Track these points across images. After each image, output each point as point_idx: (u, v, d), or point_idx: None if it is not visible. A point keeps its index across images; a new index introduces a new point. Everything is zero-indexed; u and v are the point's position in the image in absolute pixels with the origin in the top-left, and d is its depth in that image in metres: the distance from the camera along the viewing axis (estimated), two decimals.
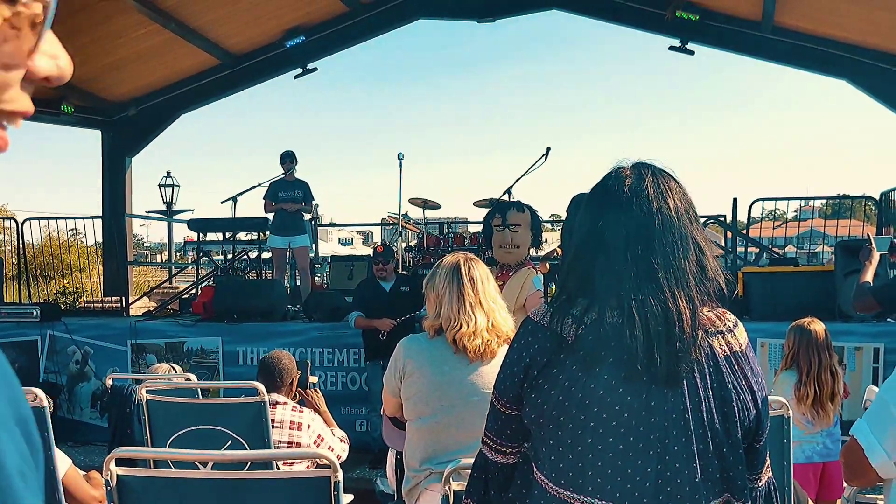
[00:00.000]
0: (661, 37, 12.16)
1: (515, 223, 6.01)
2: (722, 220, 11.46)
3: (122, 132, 13.49)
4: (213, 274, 11.61)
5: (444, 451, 3.29)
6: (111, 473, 2.35)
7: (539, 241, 6.30)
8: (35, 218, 12.76)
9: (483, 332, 3.30)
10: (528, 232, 6.00)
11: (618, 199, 1.88)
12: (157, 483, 2.45)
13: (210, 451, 2.87)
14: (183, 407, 4.56)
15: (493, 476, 2.04)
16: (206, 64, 12.85)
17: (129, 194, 13.77)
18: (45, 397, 3.87)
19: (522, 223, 6.01)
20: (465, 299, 3.35)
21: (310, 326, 8.90)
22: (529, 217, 6.08)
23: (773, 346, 7.41)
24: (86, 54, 11.30)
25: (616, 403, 1.75)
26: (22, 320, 9.41)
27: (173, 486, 2.42)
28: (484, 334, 3.30)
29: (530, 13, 12.94)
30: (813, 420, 4.87)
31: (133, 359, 9.03)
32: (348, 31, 12.87)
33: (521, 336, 1.92)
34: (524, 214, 6.06)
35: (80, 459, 4.40)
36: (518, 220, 6.02)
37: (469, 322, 3.31)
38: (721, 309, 1.87)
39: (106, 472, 2.35)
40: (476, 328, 3.30)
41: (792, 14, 10.92)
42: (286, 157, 10.15)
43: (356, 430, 8.27)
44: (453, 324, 3.34)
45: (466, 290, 3.36)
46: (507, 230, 5.97)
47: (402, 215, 10.79)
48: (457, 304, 3.36)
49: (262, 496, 2.40)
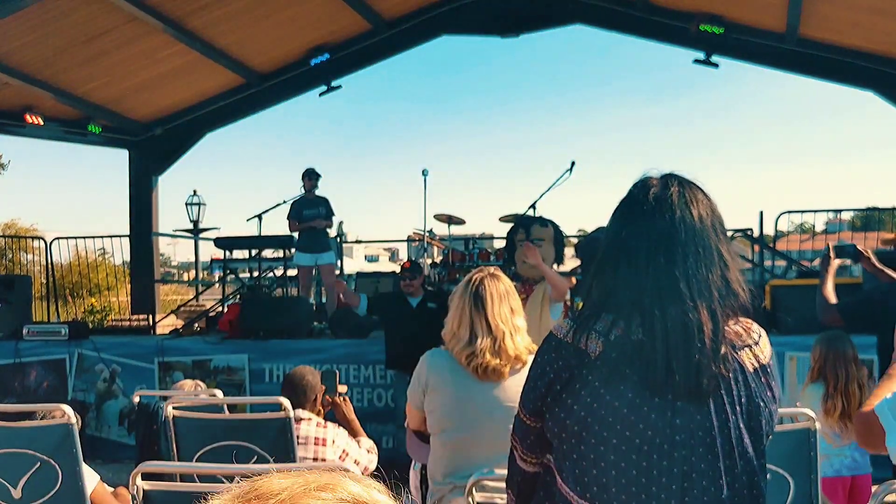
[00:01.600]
0: (686, 50, 12.14)
1: (539, 237, 6.03)
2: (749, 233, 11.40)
3: (149, 152, 13.60)
4: (239, 291, 11.66)
5: (467, 465, 3.28)
6: (138, 487, 2.37)
7: (562, 256, 6.30)
8: (63, 237, 12.87)
9: (486, 354, 3.27)
10: (551, 247, 6.01)
11: (641, 208, 1.87)
12: (182, 497, 2.46)
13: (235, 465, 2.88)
14: (209, 423, 4.57)
15: (519, 480, 2.05)
16: (232, 83, 12.95)
17: (155, 213, 13.87)
18: (73, 414, 3.91)
19: (546, 238, 6.03)
20: (468, 317, 3.34)
21: (335, 343, 8.92)
22: (552, 232, 6.10)
23: (801, 359, 7.33)
24: (112, 75, 11.45)
25: (640, 422, 1.74)
26: (51, 339, 9.49)
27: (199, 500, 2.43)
28: (486, 355, 3.27)
29: (554, 28, 12.96)
30: (841, 433, 4.81)
31: (160, 376, 9.07)
32: (372, 48, 12.94)
33: (545, 351, 1.92)
34: (547, 229, 6.08)
35: (108, 477, 4.42)
36: (541, 234, 6.04)
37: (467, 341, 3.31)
38: (746, 320, 1.86)
39: (132, 487, 2.37)
40: (475, 348, 3.29)
41: (816, 26, 10.87)
42: (308, 174, 10.20)
43: (382, 447, 8.25)
44: (453, 340, 3.35)
45: (471, 309, 3.35)
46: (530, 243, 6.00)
47: (427, 231, 10.81)
48: (458, 321, 3.36)
49: None
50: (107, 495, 4.14)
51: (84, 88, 11.67)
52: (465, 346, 3.30)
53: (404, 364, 7.62)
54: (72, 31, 10.03)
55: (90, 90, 11.78)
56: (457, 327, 3.37)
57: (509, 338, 3.32)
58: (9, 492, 3.92)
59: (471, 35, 13.57)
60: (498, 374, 3.30)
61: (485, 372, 3.29)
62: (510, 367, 3.31)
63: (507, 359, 3.30)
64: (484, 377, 3.30)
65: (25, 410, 4.27)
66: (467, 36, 13.68)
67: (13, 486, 3.91)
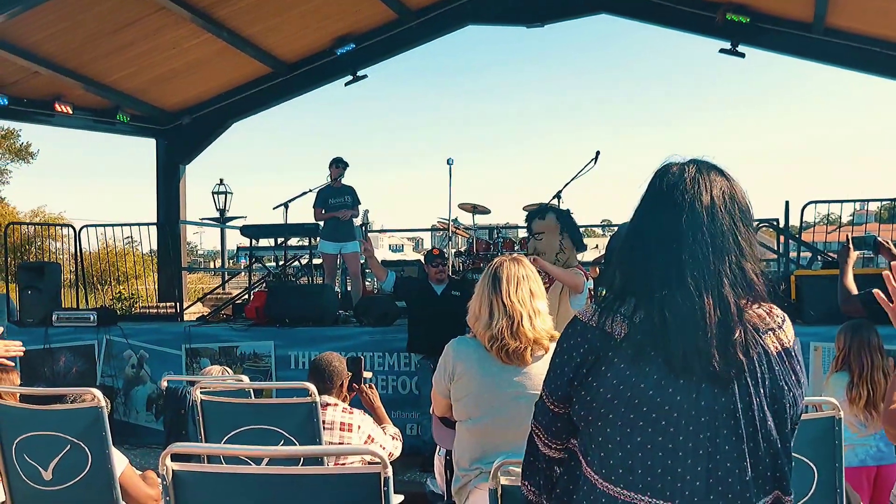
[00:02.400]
0: (712, 39, 12.06)
1: (538, 231, 6.07)
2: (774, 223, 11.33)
3: (177, 140, 13.68)
4: (265, 279, 11.73)
5: (493, 451, 3.31)
6: (167, 468, 2.41)
7: (579, 240, 6.23)
8: (92, 225, 12.98)
9: (504, 335, 3.30)
10: (554, 236, 6.00)
11: (657, 195, 1.88)
12: (211, 478, 2.50)
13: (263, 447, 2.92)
14: (236, 407, 4.62)
15: (542, 466, 2.06)
16: (258, 72, 12.99)
17: (183, 201, 13.96)
18: (102, 397, 3.96)
19: (546, 230, 6.04)
20: (487, 298, 3.37)
21: (360, 331, 8.97)
22: (554, 219, 6.09)
23: (826, 349, 7.31)
24: (140, 64, 11.53)
25: (665, 403, 1.75)
26: (80, 325, 9.61)
27: (227, 482, 2.47)
28: (505, 337, 3.30)
29: (579, 17, 12.92)
30: (866, 423, 4.79)
31: (187, 363, 9.17)
32: (398, 37, 12.94)
33: (570, 336, 1.93)
34: (546, 221, 6.09)
35: (135, 461, 4.49)
36: (541, 228, 6.08)
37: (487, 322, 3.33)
38: (769, 304, 1.86)
39: (162, 467, 2.41)
40: (493, 329, 3.31)
41: (843, 15, 10.77)
42: (336, 162, 10.24)
43: (407, 434, 8.31)
44: (477, 323, 3.38)
45: (490, 290, 3.38)
46: (532, 239, 6.06)
47: (452, 221, 10.82)
48: (479, 303, 3.40)
49: (313, 492, 2.44)
50: (135, 478, 4.20)
51: (112, 77, 11.76)
52: (486, 327, 3.33)
53: (425, 349, 7.69)
54: (100, 21, 10.11)
55: (118, 79, 11.87)
56: (478, 309, 3.40)
57: (527, 320, 3.33)
58: (40, 474, 3.99)
59: (496, 25, 13.56)
60: (520, 358, 3.31)
61: (507, 355, 3.31)
62: (532, 352, 3.33)
63: (526, 341, 3.31)
64: (507, 361, 3.32)
65: (56, 394, 4.34)
66: (493, 25, 13.67)
67: (44, 468, 3.97)
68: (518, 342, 3.29)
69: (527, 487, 2.10)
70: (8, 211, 34.18)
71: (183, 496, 2.46)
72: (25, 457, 3.98)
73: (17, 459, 4.00)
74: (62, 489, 3.96)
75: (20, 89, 11.30)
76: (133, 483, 4.14)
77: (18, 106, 11.50)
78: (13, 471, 4.03)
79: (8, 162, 36.24)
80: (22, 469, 4.00)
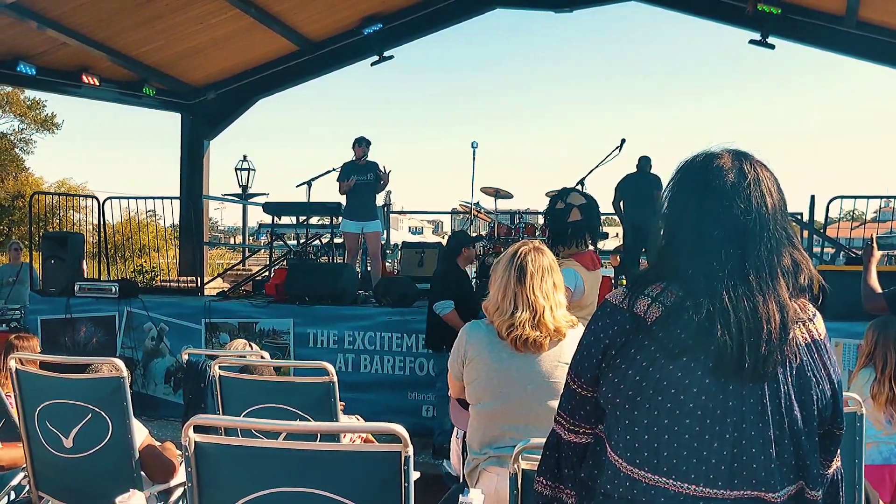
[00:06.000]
0: (742, 30, 11.97)
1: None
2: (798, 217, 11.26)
3: (201, 116, 13.75)
4: (285, 257, 11.77)
5: (502, 436, 3.33)
6: (189, 439, 2.43)
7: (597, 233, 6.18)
8: (116, 197, 13.07)
9: (525, 326, 3.29)
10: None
11: (716, 191, 1.84)
12: (233, 451, 2.52)
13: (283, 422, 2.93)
14: (255, 384, 4.64)
15: (566, 455, 2.05)
16: (285, 50, 13.01)
17: (206, 177, 14.03)
18: (123, 367, 3.98)
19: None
20: (511, 290, 3.35)
21: (379, 311, 8.98)
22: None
23: (847, 346, 7.27)
24: (167, 38, 11.55)
25: (693, 386, 1.76)
26: (101, 296, 9.67)
27: (248, 455, 2.49)
28: (526, 328, 3.28)
29: (608, 4, 12.85)
30: (891, 420, 4.74)
31: (207, 337, 9.22)
32: (426, 18, 12.93)
33: (600, 318, 1.93)
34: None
35: (153, 433, 4.52)
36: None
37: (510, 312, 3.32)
38: (802, 299, 1.86)
39: (184, 438, 2.42)
40: (515, 320, 3.30)
41: (877, 9, 10.67)
42: (359, 141, 10.24)
43: (422, 416, 8.34)
44: (496, 312, 3.37)
45: (514, 281, 3.36)
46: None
47: (474, 204, 10.81)
48: (501, 293, 3.37)
49: (333, 469, 2.45)
50: (155, 448, 4.23)
51: (140, 51, 11.80)
52: (507, 317, 3.32)
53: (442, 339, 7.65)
54: None
55: (145, 52, 11.90)
56: (500, 299, 3.38)
57: (549, 312, 3.33)
58: (61, 441, 4.02)
59: (524, 9, 13.51)
60: (537, 347, 3.31)
61: (524, 344, 3.30)
62: (550, 340, 3.33)
63: (546, 332, 3.30)
64: (523, 349, 3.31)
65: (79, 363, 4.37)
66: (520, 10, 13.62)
67: (65, 435, 4.00)
68: (539, 332, 3.29)
69: (541, 483, 2.10)
70: (33, 181, 34.45)
71: (204, 467, 2.47)
72: (48, 424, 4.01)
73: (40, 426, 4.04)
74: (83, 457, 3.99)
75: (48, 60, 11.34)
76: (152, 453, 4.17)
77: (46, 76, 11.57)
78: (35, 438, 4.07)
79: (33, 132, 36.46)
80: (44, 436, 4.04)
